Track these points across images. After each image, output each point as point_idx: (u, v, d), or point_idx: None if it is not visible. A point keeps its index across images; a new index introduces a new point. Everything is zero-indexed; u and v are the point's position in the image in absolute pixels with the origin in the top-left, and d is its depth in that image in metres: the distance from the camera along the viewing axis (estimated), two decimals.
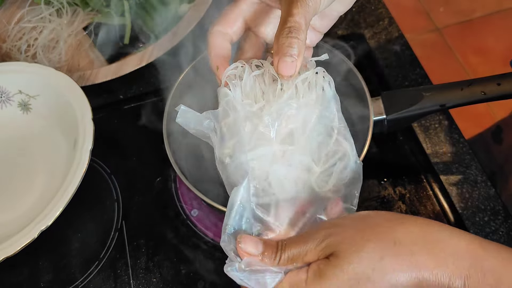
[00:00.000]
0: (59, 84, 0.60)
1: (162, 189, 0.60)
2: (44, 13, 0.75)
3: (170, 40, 0.68)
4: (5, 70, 0.63)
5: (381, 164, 0.60)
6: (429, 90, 0.52)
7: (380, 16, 0.72)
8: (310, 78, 0.40)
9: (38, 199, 0.59)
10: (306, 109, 0.40)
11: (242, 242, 0.35)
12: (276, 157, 0.39)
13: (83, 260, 0.56)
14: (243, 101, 0.40)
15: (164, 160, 0.50)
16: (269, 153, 0.38)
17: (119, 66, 0.67)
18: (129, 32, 0.74)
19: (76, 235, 0.58)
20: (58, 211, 0.50)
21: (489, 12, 1.72)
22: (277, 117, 0.39)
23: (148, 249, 0.56)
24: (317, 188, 0.38)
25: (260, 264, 0.34)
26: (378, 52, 0.68)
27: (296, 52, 0.36)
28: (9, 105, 0.64)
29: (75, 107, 0.57)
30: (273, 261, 0.35)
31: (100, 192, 0.61)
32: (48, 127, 0.63)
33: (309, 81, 0.40)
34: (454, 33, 1.70)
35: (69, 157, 0.57)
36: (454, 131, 0.60)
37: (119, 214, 0.59)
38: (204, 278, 0.54)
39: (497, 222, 0.54)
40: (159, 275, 0.55)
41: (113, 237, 0.58)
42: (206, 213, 0.58)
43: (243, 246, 0.34)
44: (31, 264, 0.57)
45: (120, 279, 0.55)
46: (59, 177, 0.58)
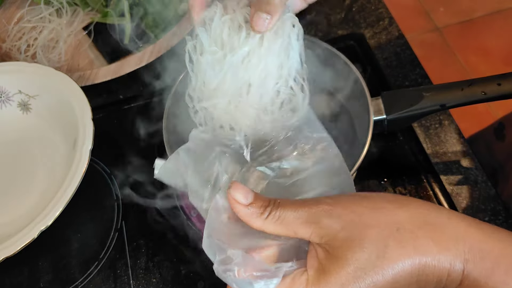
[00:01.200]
0: (59, 84, 0.60)
1: (162, 189, 0.60)
2: (44, 13, 0.75)
3: (170, 39, 0.68)
4: (5, 70, 0.63)
5: (381, 164, 0.59)
6: (429, 90, 0.51)
7: (380, 16, 0.72)
8: (277, 25, 0.40)
9: (38, 199, 0.59)
10: (266, 57, 0.40)
11: (232, 187, 0.33)
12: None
13: (83, 260, 0.56)
14: (210, 48, 0.40)
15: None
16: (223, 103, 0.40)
17: (119, 66, 0.67)
18: (129, 32, 0.74)
19: (76, 235, 0.58)
20: (58, 211, 0.50)
21: (489, 12, 1.72)
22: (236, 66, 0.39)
23: (148, 249, 0.56)
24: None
25: (255, 266, 0.32)
26: (378, 52, 0.68)
27: (274, 10, 0.37)
28: (8, 105, 0.64)
29: (75, 107, 0.57)
30: (260, 215, 0.32)
31: (100, 192, 0.61)
32: (47, 127, 0.63)
33: (276, 28, 0.40)
34: (454, 33, 1.70)
35: (69, 157, 0.57)
36: (454, 131, 0.60)
37: (119, 214, 0.59)
38: (204, 279, 0.54)
39: (497, 222, 0.54)
40: (159, 275, 0.55)
41: (113, 237, 0.57)
42: None
43: (232, 191, 0.33)
44: (31, 264, 0.57)
45: (120, 279, 0.55)
46: (59, 177, 0.58)
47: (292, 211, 0.32)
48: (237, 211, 0.33)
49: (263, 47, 0.39)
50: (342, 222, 0.31)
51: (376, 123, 0.51)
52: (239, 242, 0.34)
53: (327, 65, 0.56)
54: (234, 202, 0.33)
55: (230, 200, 0.33)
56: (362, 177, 0.57)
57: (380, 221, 0.32)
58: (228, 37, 0.40)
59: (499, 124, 0.71)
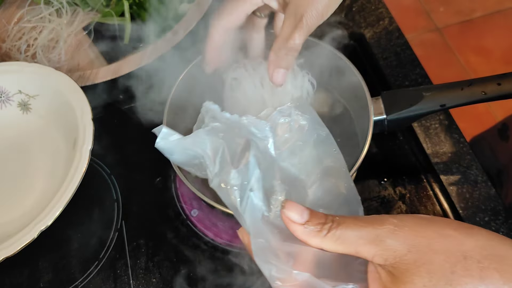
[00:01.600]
0: (59, 84, 0.60)
1: (162, 189, 0.60)
2: (44, 13, 0.75)
3: (170, 39, 0.68)
4: (5, 70, 0.63)
5: (381, 164, 0.60)
6: (429, 90, 0.51)
7: (380, 15, 0.72)
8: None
9: (38, 199, 0.59)
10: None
11: (286, 207, 0.32)
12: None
13: (83, 260, 0.56)
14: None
15: (164, 160, 0.50)
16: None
17: (119, 66, 0.67)
18: (129, 32, 0.74)
19: (76, 235, 0.58)
20: (58, 211, 0.50)
21: (489, 12, 1.72)
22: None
23: (148, 249, 0.56)
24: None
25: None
26: (378, 52, 0.68)
27: (290, 65, 0.44)
28: (8, 105, 0.64)
29: (75, 107, 0.57)
30: (317, 233, 0.31)
31: (100, 192, 0.61)
32: (47, 127, 0.63)
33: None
34: (454, 33, 1.70)
35: (69, 157, 0.56)
36: (455, 131, 0.60)
37: (118, 214, 0.59)
38: (204, 279, 0.54)
39: (497, 223, 0.54)
40: (158, 275, 0.54)
41: (113, 237, 0.57)
42: (206, 213, 0.58)
43: (286, 211, 0.32)
44: (31, 264, 0.57)
45: (120, 279, 0.55)
46: (58, 177, 0.58)
47: (354, 230, 0.31)
48: (293, 230, 0.32)
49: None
50: (408, 245, 0.31)
51: (376, 123, 0.51)
52: (282, 246, 0.34)
53: (327, 65, 0.56)
54: (289, 222, 0.32)
55: (285, 220, 0.32)
56: (362, 177, 0.57)
57: (447, 248, 0.31)
58: (253, 93, 0.49)
59: (503, 125, 0.71)
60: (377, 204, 0.56)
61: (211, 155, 0.38)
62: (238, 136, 0.40)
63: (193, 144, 0.40)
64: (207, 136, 0.39)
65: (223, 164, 0.38)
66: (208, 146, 0.39)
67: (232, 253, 0.55)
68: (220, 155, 0.38)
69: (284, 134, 0.43)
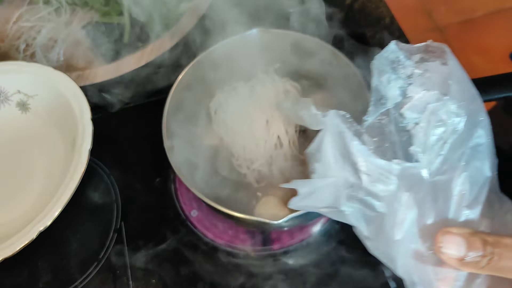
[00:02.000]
0: (58, 83, 0.60)
1: (161, 190, 0.60)
2: (43, 12, 0.74)
3: (169, 39, 0.68)
4: (4, 70, 0.63)
5: None
6: None
7: (381, 15, 0.72)
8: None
9: (37, 199, 0.58)
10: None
11: (443, 243, 0.30)
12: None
13: (82, 261, 0.56)
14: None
15: (164, 161, 0.50)
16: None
17: (118, 66, 0.67)
18: (128, 31, 0.74)
19: (75, 236, 0.58)
20: (57, 212, 0.50)
21: (490, 11, 1.72)
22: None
23: (147, 250, 0.56)
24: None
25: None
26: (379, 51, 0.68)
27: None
28: (7, 104, 0.64)
29: (74, 106, 0.57)
30: (475, 264, 0.29)
31: (99, 193, 0.61)
32: (46, 126, 0.63)
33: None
34: (455, 32, 1.69)
35: (68, 157, 0.56)
36: None
37: (118, 215, 0.59)
38: (204, 279, 0.53)
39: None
40: (158, 276, 0.54)
41: (112, 238, 0.57)
42: (205, 214, 0.58)
43: (444, 250, 0.29)
44: (30, 265, 0.57)
45: (119, 280, 0.55)
46: (57, 177, 0.58)
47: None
48: (449, 264, 0.30)
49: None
50: None
51: None
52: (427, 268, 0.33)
53: (327, 64, 0.56)
54: (447, 258, 0.30)
55: (441, 256, 0.30)
56: None
57: None
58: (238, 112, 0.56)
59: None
60: None
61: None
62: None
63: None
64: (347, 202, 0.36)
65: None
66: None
67: (232, 253, 0.55)
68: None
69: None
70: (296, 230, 0.55)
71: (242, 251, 0.55)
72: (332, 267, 0.52)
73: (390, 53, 0.39)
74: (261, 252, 0.55)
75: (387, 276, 0.50)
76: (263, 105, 0.55)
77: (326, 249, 0.54)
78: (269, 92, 0.56)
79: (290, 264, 0.53)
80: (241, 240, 0.55)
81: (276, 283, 0.52)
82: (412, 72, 0.38)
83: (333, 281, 0.51)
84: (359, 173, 0.34)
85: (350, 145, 0.35)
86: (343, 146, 0.35)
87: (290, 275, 0.53)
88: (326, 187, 0.35)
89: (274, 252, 0.54)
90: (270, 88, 0.57)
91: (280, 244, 0.55)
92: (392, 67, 0.39)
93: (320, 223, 0.55)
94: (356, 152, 0.34)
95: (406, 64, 0.39)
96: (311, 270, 0.53)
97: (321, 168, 0.36)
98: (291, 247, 0.54)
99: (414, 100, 0.37)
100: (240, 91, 0.57)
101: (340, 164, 0.35)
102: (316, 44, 0.56)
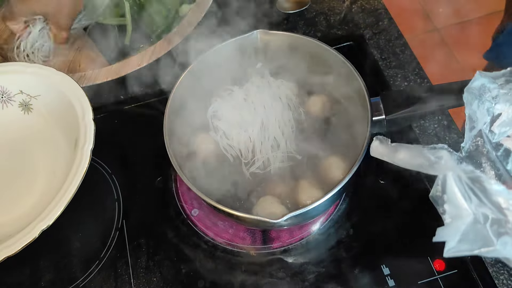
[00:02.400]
0: (60, 84, 0.60)
1: (162, 189, 0.61)
2: None
3: (170, 40, 0.68)
4: (6, 71, 0.63)
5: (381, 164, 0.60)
6: (428, 90, 0.52)
7: (379, 16, 0.73)
8: None
9: (39, 198, 0.59)
10: None
11: None
12: None
13: (84, 260, 0.57)
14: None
15: (165, 160, 0.50)
16: None
17: (120, 67, 0.68)
18: (129, 33, 0.74)
19: (77, 235, 0.58)
20: (59, 211, 0.50)
21: (488, 12, 1.73)
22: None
23: (148, 248, 0.57)
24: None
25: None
26: (378, 52, 0.69)
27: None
28: (10, 105, 0.64)
29: (76, 107, 0.58)
30: None
31: (100, 192, 0.61)
32: (49, 127, 0.63)
33: None
34: (453, 34, 1.70)
35: (70, 157, 0.57)
36: (453, 131, 0.60)
37: (119, 214, 0.59)
38: (204, 277, 0.54)
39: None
40: (159, 274, 0.55)
41: (114, 237, 0.58)
42: (206, 213, 0.58)
43: None
44: (32, 263, 0.57)
45: (121, 278, 0.55)
46: (60, 177, 0.59)
47: None
48: None
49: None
50: None
51: (376, 123, 0.51)
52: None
53: (326, 65, 0.56)
54: None
55: None
56: (362, 177, 0.58)
57: None
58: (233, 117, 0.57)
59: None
60: (377, 204, 0.57)
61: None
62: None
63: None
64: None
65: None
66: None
67: (233, 252, 0.55)
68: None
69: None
70: (295, 229, 0.56)
71: (242, 249, 0.55)
72: (331, 265, 0.53)
73: (476, 83, 0.43)
74: (261, 250, 0.55)
75: (385, 274, 0.51)
76: (258, 108, 0.56)
77: (325, 247, 0.54)
78: (264, 95, 0.57)
79: (289, 262, 0.54)
80: (241, 238, 0.56)
81: (276, 281, 0.53)
82: (498, 93, 0.44)
83: (332, 279, 0.52)
84: (502, 210, 0.36)
85: (488, 187, 0.37)
86: (469, 186, 0.37)
87: (290, 273, 0.53)
88: (470, 228, 0.37)
89: (274, 251, 0.55)
90: (265, 91, 0.57)
91: (280, 242, 0.55)
92: (479, 94, 0.43)
93: (319, 222, 0.56)
94: (496, 192, 0.36)
95: (491, 88, 0.44)
96: (310, 268, 0.53)
97: (452, 209, 0.38)
98: (290, 245, 0.55)
99: (502, 116, 0.43)
100: (235, 96, 0.58)
101: (476, 202, 0.37)
102: (317, 47, 0.57)
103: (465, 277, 0.50)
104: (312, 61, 0.58)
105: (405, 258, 0.52)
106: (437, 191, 0.38)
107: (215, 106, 0.58)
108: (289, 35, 0.58)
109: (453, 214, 0.37)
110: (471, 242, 0.37)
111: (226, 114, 0.57)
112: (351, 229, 0.55)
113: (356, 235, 0.55)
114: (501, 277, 0.51)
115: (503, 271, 0.51)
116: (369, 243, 0.54)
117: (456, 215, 0.37)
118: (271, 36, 0.58)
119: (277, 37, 0.58)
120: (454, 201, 0.37)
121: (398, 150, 0.41)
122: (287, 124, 0.56)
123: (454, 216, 0.37)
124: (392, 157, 0.41)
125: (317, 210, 0.48)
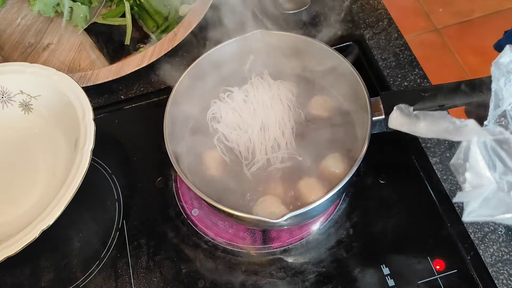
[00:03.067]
0: (60, 84, 0.60)
1: (162, 189, 0.61)
2: None
3: (170, 41, 0.69)
4: (6, 71, 0.63)
5: (380, 164, 0.60)
6: (428, 90, 0.52)
7: (379, 16, 0.73)
8: None
9: (39, 198, 0.59)
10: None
11: None
12: None
13: (84, 260, 0.57)
14: None
15: (165, 160, 0.50)
16: None
17: (120, 67, 0.68)
18: (129, 33, 0.74)
19: (77, 235, 0.58)
20: (59, 211, 0.50)
21: (488, 12, 1.73)
22: None
23: (148, 248, 0.57)
24: None
25: None
26: (378, 52, 0.69)
27: None
28: (10, 105, 0.64)
29: (76, 107, 0.58)
30: None
31: (101, 192, 0.61)
32: (49, 127, 0.63)
33: None
34: (453, 34, 1.70)
35: (70, 157, 0.57)
36: None
37: (120, 214, 0.59)
38: (205, 277, 0.54)
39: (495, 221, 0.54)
40: (159, 274, 0.55)
41: (114, 237, 0.58)
42: (206, 213, 0.58)
43: None
44: (32, 263, 0.57)
45: (121, 279, 0.55)
46: (60, 177, 0.59)
47: None
48: None
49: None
50: None
51: (375, 123, 0.51)
52: None
53: (326, 65, 0.56)
54: None
55: None
56: (362, 177, 0.58)
57: None
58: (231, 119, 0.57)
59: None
60: (377, 203, 0.57)
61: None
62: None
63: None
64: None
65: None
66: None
67: (233, 252, 0.55)
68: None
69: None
70: (295, 228, 0.56)
71: (242, 249, 0.55)
72: (331, 265, 0.53)
73: (505, 58, 0.40)
74: (261, 250, 0.55)
75: (385, 274, 0.51)
76: (258, 109, 0.56)
77: (325, 247, 0.54)
78: (263, 95, 0.57)
79: (289, 262, 0.54)
80: (241, 238, 0.56)
81: (276, 281, 0.53)
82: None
83: (332, 279, 0.52)
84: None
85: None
86: (496, 151, 0.35)
87: (290, 273, 0.53)
88: (492, 196, 0.36)
89: (274, 251, 0.55)
90: (264, 91, 0.57)
91: (280, 242, 0.55)
92: (507, 71, 0.40)
93: (319, 222, 0.56)
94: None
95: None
96: (310, 268, 0.53)
97: (473, 177, 0.36)
98: (291, 245, 0.55)
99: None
100: (234, 97, 0.58)
101: (500, 170, 0.35)
102: (312, 44, 0.57)
103: (465, 277, 0.50)
104: (312, 61, 0.58)
105: (405, 258, 0.52)
106: (458, 159, 0.36)
107: (214, 109, 0.58)
108: (289, 35, 0.58)
109: (474, 183, 0.36)
110: (492, 208, 0.36)
111: (226, 116, 0.57)
112: (351, 229, 0.55)
113: (356, 235, 0.55)
114: (501, 277, 0.51)
115: (503, 271, 0.51)
116: (369, 243, 0.54)
117: (478, 184, 0.35)
118: (271, 36, 0.58)
119: (277, 37, 0.58)
120: (477, 169, 0.35)
121: (420, 117, 0.39)
122: (287, 125, 0.56)
123: (475, 186, 0.36)
124: (413, 126, 0.39)
125: (317, 210, 0.48)
